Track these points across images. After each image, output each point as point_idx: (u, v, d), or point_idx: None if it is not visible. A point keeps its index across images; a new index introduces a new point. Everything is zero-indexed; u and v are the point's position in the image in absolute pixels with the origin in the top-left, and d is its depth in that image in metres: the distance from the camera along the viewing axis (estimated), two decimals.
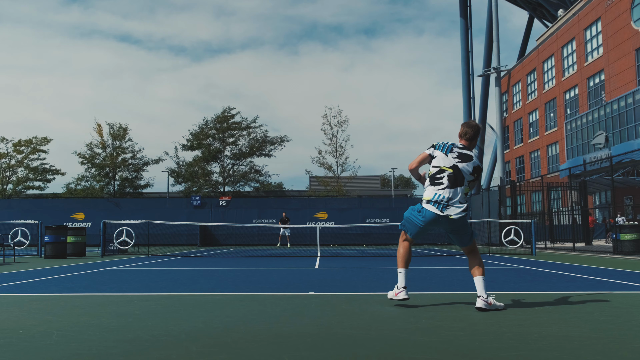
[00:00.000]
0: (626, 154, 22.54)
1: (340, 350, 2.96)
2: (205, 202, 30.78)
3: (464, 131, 4.71)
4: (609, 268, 9.54)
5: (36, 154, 41.96)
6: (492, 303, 4.42)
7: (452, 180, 4.52)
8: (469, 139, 4.69)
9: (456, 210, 4.48)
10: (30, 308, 4.70)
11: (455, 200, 4.50)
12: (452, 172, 4.53)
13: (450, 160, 4.56)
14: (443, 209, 4.48)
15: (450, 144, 4.66)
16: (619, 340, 3.21)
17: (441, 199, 4.50)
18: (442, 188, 4.52)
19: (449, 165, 4.55)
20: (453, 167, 4.55)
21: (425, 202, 4.56)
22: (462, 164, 4.56)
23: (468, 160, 4.58)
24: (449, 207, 4.48)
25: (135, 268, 10.22)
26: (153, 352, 2.93)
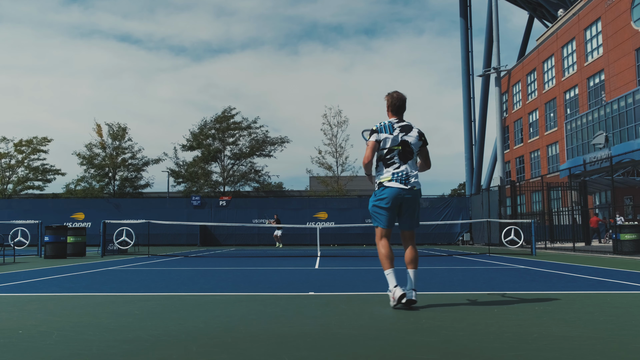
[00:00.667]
0: (626, 154, 22.54)
1: (340, 350, 2.96)
2: (205, 202, 30.78)
3: (392, 103, 4.64)
4: (609, 268, 9.54)
5: (36, 154, 41.97)
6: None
7: (402, 156, 4.53)
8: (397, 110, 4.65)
9: (416, 180, 4.54)
10: (30, 308, 4.70)
11: (413, 173, 4.54)
12: (401, 148, 4.52)
13: (397, 137, 4.54)
14: (406, 182, 4.49)
15: (388, 122, 4.61)
16: (619, 340, 3.21)
17: (401, 175, 4.49)
18: (397, 167, 4.52)
19: (396, 143, 4.54)
20: (402, 142, 4.54)
21: (386, 181, 4.50)
22: (407, 135, 4.56)
23: (410, 130, 4.59)
24: (410, 180, 4.50)
25: (135, 268, 10.22)
26: (153, 352, 2.93)
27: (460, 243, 29.31)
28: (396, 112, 4.65)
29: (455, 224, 28.99)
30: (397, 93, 4.65)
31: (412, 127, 4.62)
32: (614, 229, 15.58)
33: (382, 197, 4.51)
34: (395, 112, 4.65)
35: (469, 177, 49.97)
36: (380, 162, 4.59)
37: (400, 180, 4.47)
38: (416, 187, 4.52)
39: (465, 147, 50.65)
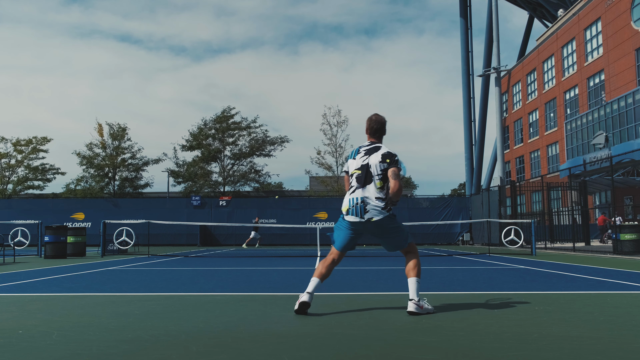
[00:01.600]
0: (626, 154, 22.54)
1: (340, 350, 2.96)
2: (205, 202, 30.78)
3: (369, 126, 4.48)
4: (609, 268, 9.54)
5: (36, 153, 41.96)
6: (424, 307, 4.24)
7: (361, 180, 4.31)
8: (374, 133, 4.48)
9: (375, 210, 4.23)
10: (30, 308, 4.70)
11: (369, 197, 4.25)
12: (361, 172, 4.32)
13: (359, 161, 4.37)
14: (362, 213, 4.24)
15: (357, 148, 4.49)
16: (619, 340, 3.21)
17: (355, 202, 4.27)
18: (352, 191, 4.33)
19: (357, 166, 4.37)
20: (361, 167, 4.34)
21: (345, 212, 4.34)
22: (369, 157, 4.34)
23: (375, 151, 4.36)
24: (367, 210, 4.23)
25: (135, 268, 10.22)
26: (153, 352, 2.93)
27: (460, 243, 29.31)
28: (372, 135, 4.49)
29: (455, 224, 28.99)
30: (376, 116, 4.51)
31: (379, 149, 4.36)
32: (613, 229, 15.58)
33: (340, 226, 4.43)
34: (372, 135, 4.49)
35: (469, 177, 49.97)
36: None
37: (356, 212, 4.26)
38: (374, 218, 4.22)
39: (465, 147, 50.65)
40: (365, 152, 4.39)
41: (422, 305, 4.22)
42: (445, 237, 29.72)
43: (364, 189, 4.29)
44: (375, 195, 4.26)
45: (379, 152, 4.34)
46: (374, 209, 4.24)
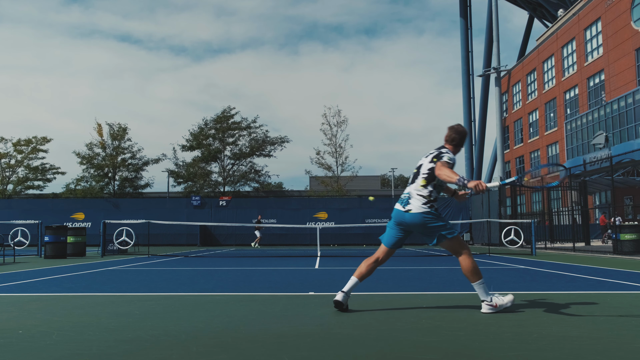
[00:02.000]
0: (626, 154, 22.53)
1: (340, 350, 2.96)
2: (205, 202, 30.78)
3: (451, 137, 4.63)
4: (609, 268, 9.54)
5: (36, 153, 41.96)
6: (498, 304, 4.31)
7: (413, 177, 4.58)
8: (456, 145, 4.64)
9: (416, 203, 4.39)
10: (30, 308, 4.70)
11: (412, 192, 4.46)
12: (416, 171, 4.58)
13: (420, 161, 4.63)
14: (405, 204, 4.45)
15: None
16: (619, 340, 3.21)
17: (403, 197, 4.54)
18: (405, 188, 4.61)
19: (417, 165, 4.63)
20: (418, 166, 4.60)
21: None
22: (426, 159, 4.56)
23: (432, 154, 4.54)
24: (410, 203, 4.43)
25: (135, 268, 10.22)
26: (153, 352, 2.93)
27: None
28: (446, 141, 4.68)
29: (455, 224, 28.98)
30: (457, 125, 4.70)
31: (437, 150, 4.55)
32: (613, 229, 15.58)
33: (389, 223, 4.64)
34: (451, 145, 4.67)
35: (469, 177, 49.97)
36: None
37: (401, 202, 4.52)
38: (412, 210, 4.38)
39: (465, 147, 50.66)
40: (429, 154, 4.59)
41: (494, 304, 4.30)
42: None
43: (411, 185, 4.53)
44: (417, 192, 4.45)
45: (434, 153, 4.54)
46: (414, 202, 4.42)
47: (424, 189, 4.45)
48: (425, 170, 4.49)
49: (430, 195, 4.43)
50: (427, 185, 4.45)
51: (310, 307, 4.67)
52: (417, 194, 4.45)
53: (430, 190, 4.45)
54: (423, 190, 4.45)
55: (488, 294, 4.35)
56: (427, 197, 4.42)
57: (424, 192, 4.44)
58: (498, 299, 4.34)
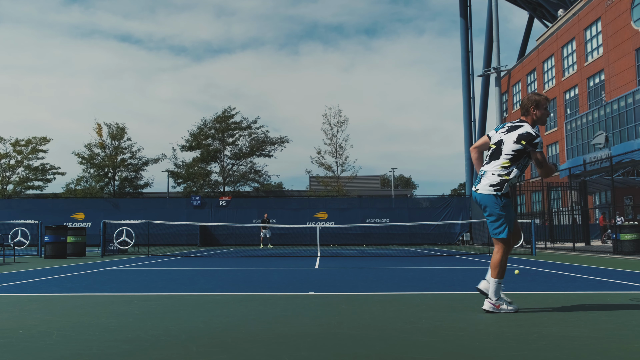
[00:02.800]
0: (626, 154, 22.53)
1: (340, 350, 2.96)
2: (205, 202, 30.78)
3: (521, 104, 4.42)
4: (609, 268, 9.54)
5: (35, 153, 41.94)
6: (501, 306, 4.25)
7: (492, 155, 4.33)
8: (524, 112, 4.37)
9: (486, 182, 4.22)
10: (30, 308, 4.70)
11: (488, 171, 4.26)
12: (495, 147, 4.32)
13: (498, 136, 4.35)
14: (477, 183, 4.32)
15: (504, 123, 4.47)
16: (619, 340, 3.21)
17: (480, 174, 4.34)
18: (483, 164, 4.40)
19: (495, 141, 4.36)
20: (497, 142, 4.32)
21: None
22: (508, 134, 4.28)
23: (515, 130, 4.27)
24: (480, 181, 4.28)
25: (135, 268, 10.22)
26: (153, 352, 2.93)
27: (460, 243, 29.30)
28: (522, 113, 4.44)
29: (455, 224, 28.98)
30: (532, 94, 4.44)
31: (519, 128, 4.27)
32: (613, 229, 15.58)
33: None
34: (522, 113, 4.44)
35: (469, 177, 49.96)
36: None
37: (475, 181, 4.37)
38: (480, 190, 4.24)
39: (465, 147, 50.64)
40: (508, 129, 4.32)
41: (498, 305, 4.23)
42: (445, 237, 29.70)
43: (489, 164, 4.29)
44: (494, 171, 4.22)
45: (517, 130, 4.24)
46: (485, 182, 4.24)
47: (506, 169, 4.19)
48: (510, 151, 4.21)
49: (508, 175, 4.18)
50: (512, 166, 4.19)
51: (310, 307, 4.67)
52: (491, 174, 4.23)
53: (512, 171, 4.19)
54: (504, 171, 4.19)
55: (498, 296, 4.27)
56: (503, 178, 4.17)
57: (504, 172, 4.19)
58: (504, 305, 4.27)
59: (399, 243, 29.33)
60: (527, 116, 4.35)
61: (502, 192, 4.18)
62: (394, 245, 28.58)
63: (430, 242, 29.37)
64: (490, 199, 4.20)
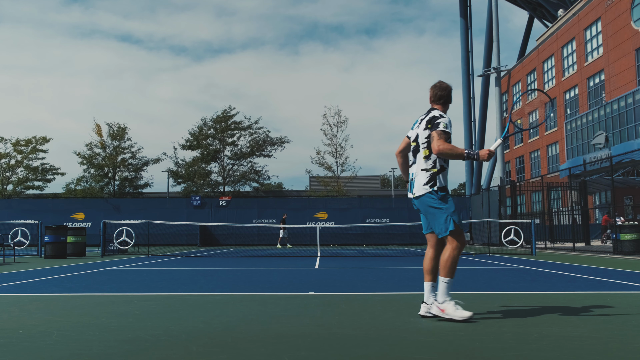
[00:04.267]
0: (626, 154, 22.53)
1: (340, 350, 2.96)
2: (205, 202, 30.78)
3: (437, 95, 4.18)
4: (609, 268, 9.54)
5: (35, 153, 41.95)
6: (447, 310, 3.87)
7: (414, 153, 4.14)
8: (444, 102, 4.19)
9: (418, 184, 4.01)
10: (30, 308, 4.70)
11: (416, 171, 4.07)
12: (415, 144, 4.14)
13: (414, 131, 4.17)
14: (412, 188, 4.10)
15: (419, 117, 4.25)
16: (619, 340, 3.21)
17: (411, 177, 4.15)
18: (411, 165, 4.18)
19: (413, 138, 4.17)
20: (415, 137, 4.14)
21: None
22: (419, 126, 4.12)
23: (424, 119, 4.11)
24: (414, 186, 4.07)
25: (135, 268, 10.22)
26: (153, 352, 2.93)
27: None
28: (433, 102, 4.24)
29: None
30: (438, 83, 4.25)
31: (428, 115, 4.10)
32: (613, 229, 15.58)
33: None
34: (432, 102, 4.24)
35: (468, 177, 49.96)
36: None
37: (410, 187, 4.14)
38: (416, 193, 4.03)
39: (465, 147, 50.63)
40: (420, 120, 4.16)
41: (443, 309, 3.87)
42: None
43: (415, 163, 4.10)
44: (421, 167, 4.04)
45: (425, 118, 4.09)
46: (417, 183, 4.04)
47: (428, 160, 4.01)
48: (424, 140, 4.04)
49: (434, 165, 3.99)
50: (431, 154, 4.01)
51: (310, 307, 4.67)
52: (420, 171, 4.02)
53: (434, 160, 4.00)
54: (428, 164, 4.00)
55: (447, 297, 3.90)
56: (430, 169, 3.99)
57: (427, 164, 4.00)
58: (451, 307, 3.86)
59: (399, 243, 29.32)
60: (437, 103, 4.20)
61: (438, 186, 3.97)
62: (394, 245, 28.58)
63: None
64: (428, 198, 3.98)
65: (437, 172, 3.99)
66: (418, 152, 4.09)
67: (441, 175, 4.01)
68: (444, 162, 4.05)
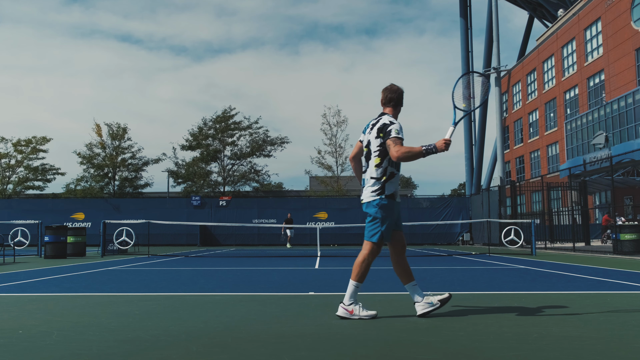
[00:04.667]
0: (626, 154, 22.53)
1: (340, 350, 2.96)
2: (205, 202, 30.77)
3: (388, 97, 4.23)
4: (609, 268, 9.54)
5: (35, 153, 41.93)
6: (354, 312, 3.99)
7: (366, 158, 4.17)
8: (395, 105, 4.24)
9: (367, 191, 4.08)
10: (30, 308, 4.70)
11: (367, 177, 4.12)
12: (367, 150, 4.16)
13: (366, 137, 4.20)
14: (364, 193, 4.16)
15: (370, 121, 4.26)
16: (619, 340, 3.21)
17: (363, 184, 4.20)
18: (364, 171, 4.20)
19: (365, 143, 4.19)
20: (367, 143, 4.17)
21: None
22: (371, 132, 4.14)
23: (375, 125, 4.13)
24: (363, 192, 4.15)
25: (135, 268, 10.22)
26: (153, 352, 2.93)
27: (460, 243, 29.30)
28: (383, 105, 4.29)
29: (455, 224, 28.98)
30: (390, 85, 4.29)
31: (379, 122, 4.12)
32: (613, 229, 15.58)
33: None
34: (383, 105, 4.29)
35: (469, 177, 49.98)
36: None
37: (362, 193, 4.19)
38: (364, 200, 4.10)
39: (465, 147, 50.66)
40: (372, 126, 4.18)
41: (352, 310, 3.99)
42: (445, 237, 29.70)
43: (368, 169, 4.15)
44: (371, 174, 4.09)
45: (376, 125, 4.11)
46: (367, 190, 4.10)
47: (379, 168, 4.04)
48: (376, 147, 4.06)
49: (384, 173, 4.03)
50: (383, 162, 4.03)
51: (310, 307, 4.67)
52: (370, 178, 4.08)
53: (384, 168, 4.04)
54: (379, 172, 4.04)
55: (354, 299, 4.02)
56: (380, 177, 4.03)
57: (377, 173, 4.04)
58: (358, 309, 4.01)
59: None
60: (388, 106, 4.25)
61: (386, 194, 4.03)
62: None
63: (430, 242, 29.36)
64: (372, 206, 4.05)
65: (386, 179, 4.06)
66: (370, 159, 4.13)
67: (390, 182, 4.07)
68: (395, 169, 4.11)
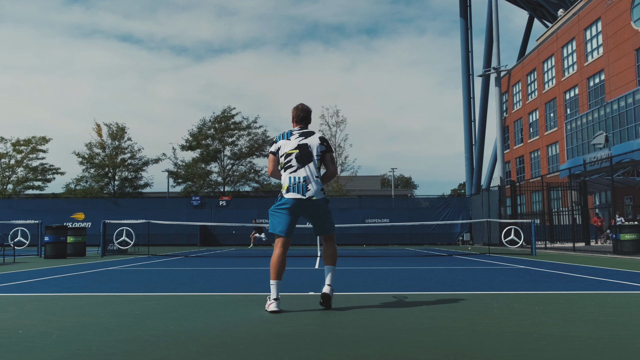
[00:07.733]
0: (626, 154, 22.53)
1: (340, 350, 2.96)
2: (205, 202, 30.78)
3: (298, 115, 4.67)
4: (609, 268, 9.54)
5: (35, 153, 41.92)
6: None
7: (300, 159, 4.49)
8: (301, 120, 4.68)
9: (315, 188, 4.46)
10: (30, 308, 4.70)
11: (310, 177, 4.47)
12: (299, 152, 4.50)
13: (294, 142, 4.54)
14: (304, 191, 4.43)
15: (288, 131, 4.65)
16: (619, 340, 3.21)
17: (297, 180, 4.45)
18: (294, 170, 4.48)
19: (294, 147, 4.52)
20: (298, 146, 4.52)
21: (285, 190, 4.48)
22: (306, 139, 4.56)
23: (310, 135, 4.60)
24: (309, 189, 4.44)
25: (135, 268, 10.22)
26: (153, 352, 2.93)
27: (460, 243, 29.30)
28: (299, 122, 4.68)
29: (455, 224, 28.98)
30: (302, 105, 4.73)
31: (314, 133, 4.62)
32: (613, 229, 15.58)
33: (281, 206, 4.47)
34: (299, 122, 4.69)
35: (469, 177, 49.96)
36: (282, 169, 4.55)
37: (298, 190, 4.42)
38: (315, 197, 4.44)
39: (465, 147, 50.65)
40: (300, 134, 4.59)
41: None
42: (445, 237, 29.70)
43: (305, 168, 4.48)
44: (315, 174, 4.51)
45: (315, 135, 4.62)
46: (314, 188, 4.47)
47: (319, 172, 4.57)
48: (319, 152, 4.56)
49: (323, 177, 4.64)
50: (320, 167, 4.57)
51: (310, 307, 4.67)
52: (314, 177, 4.50)
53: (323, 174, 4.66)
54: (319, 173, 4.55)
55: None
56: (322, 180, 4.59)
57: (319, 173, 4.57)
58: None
59: (399, 243, 29.32)
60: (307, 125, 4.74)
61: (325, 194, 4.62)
62: (394, 245, 28.58)
63: (430, 242, 29.36)
64: (325, 203, 4.56)
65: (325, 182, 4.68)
66: (311, 161, 4.52)
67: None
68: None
